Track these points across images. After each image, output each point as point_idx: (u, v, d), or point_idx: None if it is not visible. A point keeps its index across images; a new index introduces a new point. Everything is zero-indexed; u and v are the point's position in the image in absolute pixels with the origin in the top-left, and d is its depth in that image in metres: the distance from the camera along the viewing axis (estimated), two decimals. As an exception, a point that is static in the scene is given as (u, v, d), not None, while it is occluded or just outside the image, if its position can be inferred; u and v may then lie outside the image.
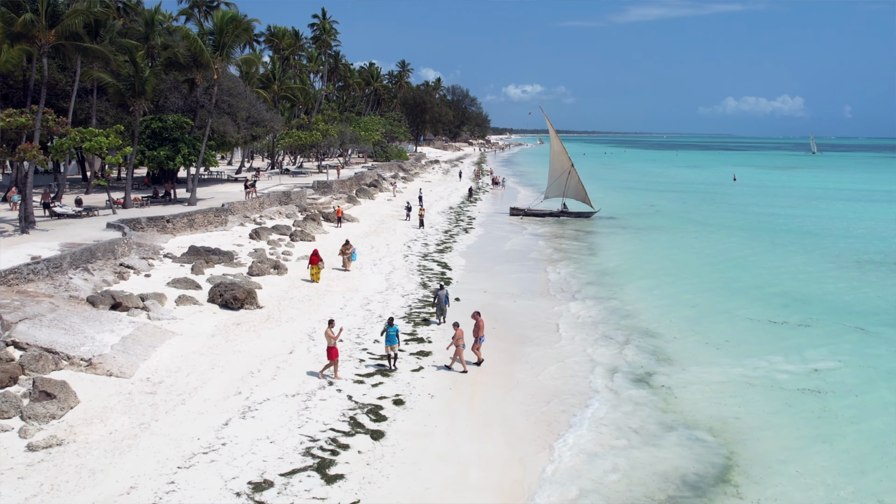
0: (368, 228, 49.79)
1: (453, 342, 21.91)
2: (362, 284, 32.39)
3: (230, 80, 65.67)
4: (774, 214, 68.68)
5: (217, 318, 25.26)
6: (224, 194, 52.68)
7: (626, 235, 52.59)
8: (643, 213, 66.28)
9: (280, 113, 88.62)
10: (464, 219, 59.72)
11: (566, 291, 33.60)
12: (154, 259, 32.85)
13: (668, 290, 35.17)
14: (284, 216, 49.97)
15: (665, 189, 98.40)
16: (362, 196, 67.32)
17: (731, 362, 23.55)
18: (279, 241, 40.46)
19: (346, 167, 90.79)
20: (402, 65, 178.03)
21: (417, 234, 49.38)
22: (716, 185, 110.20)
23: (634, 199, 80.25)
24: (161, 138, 48.59)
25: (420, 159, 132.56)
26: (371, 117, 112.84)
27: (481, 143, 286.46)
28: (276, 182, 65.57)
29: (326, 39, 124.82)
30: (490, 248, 45.85)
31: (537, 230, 54.99)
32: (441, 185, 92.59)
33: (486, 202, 75.61)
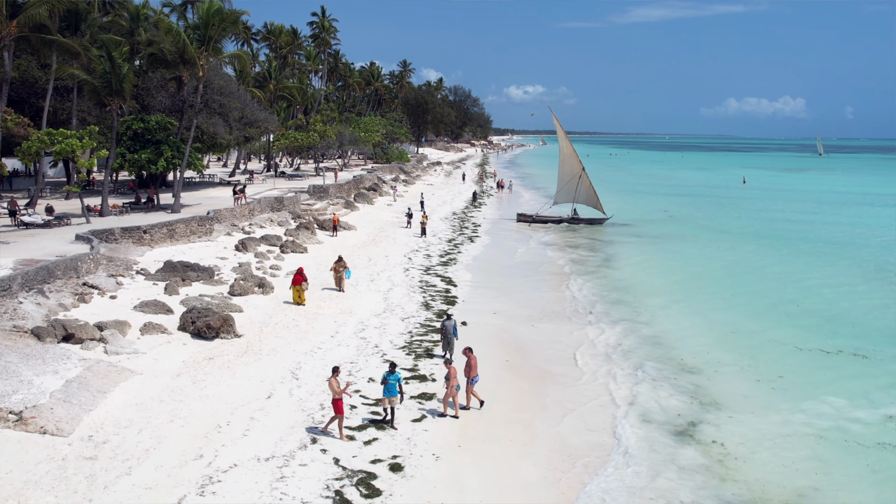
0: (366, 238, 46.27)
1: (446, 384, 18.49)
2: (357, 305, 28.85)
3: (222, 79, 62.31)
4: (791, 220, 65.18)
5: (187, 351, 21.75)
6: (213, 200, 49.23)
7: (643, 245, 49.05)
8: (657, 220, 62.74)
9: (276, 113, 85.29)
10: (468, 226, 56.20)
11: (585, 312, 30.07)
12: (125, 276, 29.34)
13: (697, 309, 31.69)
14: (276, 224, 46.48)
15: (675, 192, 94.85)
16: (361, 201, 63.82)
17: (789, 406, 20.02)
18: (267, 254, 36.94)
19: (345, 169, 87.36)
20: (403, 64, 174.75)
21: (419, 243, 45.88)
22: (726, 188, 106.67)
23: (645, 204, 76.72)
24: (144, 140, 45.12)
25: (422, 161, 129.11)
26: (371, 118, 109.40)
27: (483, 144, 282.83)
28: (269, 186, 62.10)
29: (326, 38, 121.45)
30: (498, 259, 42.34)
31: (547, 238, 51.47)
32: (444, 189, 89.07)
33: (491, 207, 72.09)
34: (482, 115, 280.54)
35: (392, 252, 41.73)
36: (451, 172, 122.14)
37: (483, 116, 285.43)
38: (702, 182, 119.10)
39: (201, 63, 42.76)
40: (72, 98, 50.92)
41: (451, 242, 47.02)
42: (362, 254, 40.37)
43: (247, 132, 65.09)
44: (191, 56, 42.14)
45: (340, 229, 47.14)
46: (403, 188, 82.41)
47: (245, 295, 28.56)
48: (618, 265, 41.88)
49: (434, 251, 43.27)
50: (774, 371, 23.04)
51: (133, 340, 21.93)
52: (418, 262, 39.52)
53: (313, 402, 18.57)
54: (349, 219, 53.14)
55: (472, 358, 19.32)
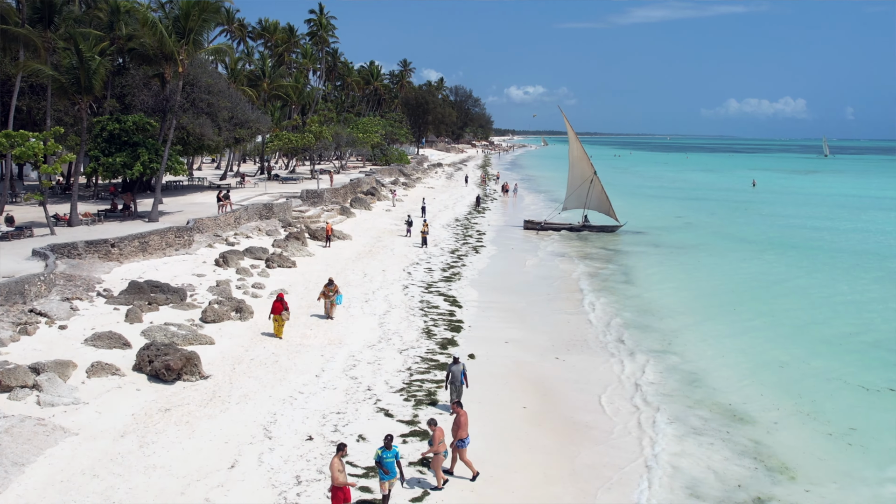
0: (362, 249, 42.50)
1: (431, 449, 14.84)
2: (348, 334, 25.09)
3: (210, 77, 58.58)
4: (809, 226, 61.50)
5: (139, 400, 18.04)
6: (198, 206, 45.49)
7: (662, 256, 45.31)
8: (672, 227, 59.00)
9: (270, 113, 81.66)
10: (472, 234, 52.45)
11: (608, 340, 26.35)
12: (83, 299, 25.63)
13: (729, 332, 28.09)
14: (264, 234, 42.76)
15: (684, 196, 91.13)
16: (358, 206, 60.09)
17: (875, 474, 16.33)
18: (251, 270, 33.18)
19: (343, 172, 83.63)
20: (403, 64, 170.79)
21: (419, 254, 42.15)
22: (736, 191, 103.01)
23: (656, 209, 73.02)
24: (120, 142, 41.36)
25: (422, 162, 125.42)
26: (370, 118, 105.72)
27: (485, 144, 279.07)
28: (261, 190, 58.37)
29: (323, 35, 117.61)
30: (506, 274, 38.59)
31: (558, 248, 47.75)
32: (445, 192, 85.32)
33: (495, 212, 68.34)
34: (483, 115, 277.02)
35: (390, 265, 37.99)
36: (452, 175, 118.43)
37: (484, 117, 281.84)
38: (710, 185, 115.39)
39: (181, 58, 39.01)
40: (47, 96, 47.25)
41: (454, 254, 43.26)
42: (357, 268, 36.63)
43: (237, 133, 61.37)
44: (169, 50, 38.43)
45: (334, 239, 43.41)
46: (403, 192, 78.70)
47: (220, 321, 24.85)
48: (636, 279, 38.16)
49: (436, 264, 39.53)
50: (843, 420, 19.33)
51: (76, 386, 18.21)
52: (419, 277, 35.77)
53: (288, 475, 14.84)
54: (344, 227, 49.40)
55: (462, 414, 15.59)
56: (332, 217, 51.84)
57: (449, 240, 48.60)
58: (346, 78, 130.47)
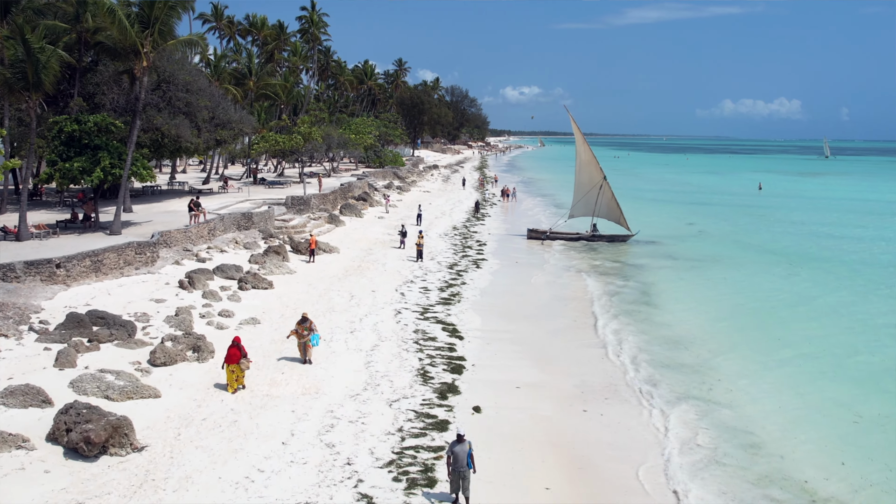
0: (350, 264, 38.20)
1: None
2: (327, 378, 20.79)
3: (188, 74, 54.28)
4: (834, 236, 57.38)
5: (46, 488, 13.73)
6: (172, 215, 41.21)
7: (680, 270, 41.15)
8: (685, 236, 54.85)
9: (256, 113, 77.37)
10: (472, 244, 48.17)
11: (642, 384, 22.09)
12: (10, 335, 21.34)
13: (783, 373, 23.97)
14: (241, 247, 38.48)
15: (692, 200, 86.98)
16: (348, 213, 55.77)
17: None
18: (220, 293, 28.87)
19: (334, 175, 79.31)
20: (398, 63, 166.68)
21: (414, 269, 37.90)
22: (742, 194, 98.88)
23: (666, 214, 68.89)
24: (80, 145, 36.99)
25: (417, 164, 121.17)
26: (363, 118, 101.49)
27: (481, 145, 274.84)
28: (243, 196, 54.05)
29: (315, 33, 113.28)
30: (512, 294, 34.32)
31: (566, 260, 43.60)
32: (442, 196, 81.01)
33: (495, 219, 64.07)
34: (479, 115, 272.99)
35: (381, 284, 33.70)
36: (448, 177, 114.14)
37: (480, 117, 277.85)
38: (715, 188, 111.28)
39: (145, 50, 34.68)
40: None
41: (453, 269, 38.96)
42: (343, 288, 32.33)
43: (218, 134, 57.03)
44: (132, 42, 34.10)
45: (320, 253, 39.12)
46: (397, 196, 74.42)
47: (172, 364, 20.57)
48: (658, 299, 33.92)
49: (433, 282, 35.26)
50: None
51: (-38, 469, 13.91)
52: (413, 299, 31.48)
53: None
54: (332, 237, 45.10)
55: None
56: (319, 226, 47.53)
57: (447, 252, 44.34)
58: (339, 77, 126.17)
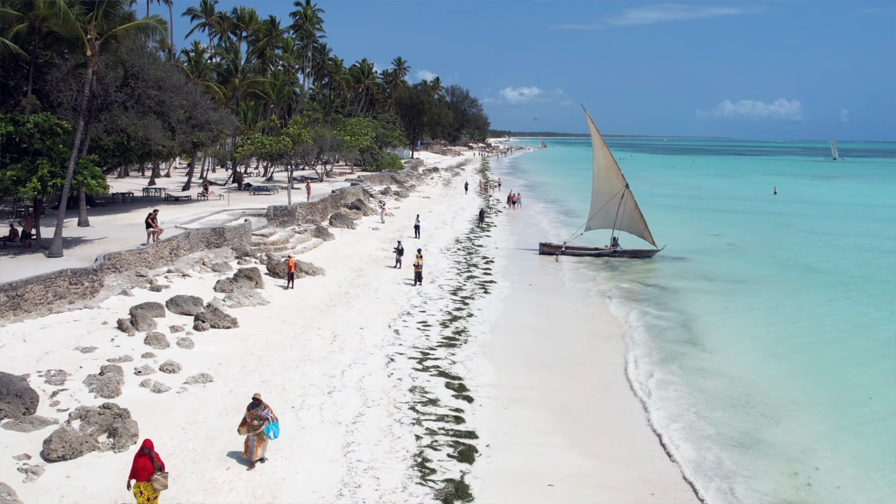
0: (336, 289, 32.48)
1: None
2: (288, 477, 14.96)
3: (160, 69, 48.68)
4: (880, 250, 51.70)
5: None
6: (135, 229, 35.36)
7: (722, 295, 35.46)
8: (715, 250, 49.14)
9: (242, 113, 71.75)
10: (477, 261, 42.46)
11: (720, 482, 16.35)
12: None
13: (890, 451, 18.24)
14: (209, 269, 32.82)
15: (708, 207, 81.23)
16: (339, 224, 50.03)
17: None
18: (168, 336, 23.13)
19: (327, 180, 73.58)
20: (397, 62, 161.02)
21: (412, 296, 32.21)
22: (758, 200, 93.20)
23: (687, 224, 63.22)
24: (18, 150, 31.30)
25: (417, 167, 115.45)
26: (359, 119, 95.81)
27: (482, 146, 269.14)
28: (222, 205, 48.37)
29: (309, 29, 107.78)
30: (529, 328, 28.56)
31: (586, 281, 38.00)
32: (443, 203, 75.28)
33: (501, 229, 58.33)
34: (480, 116, 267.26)
35: (371, 318, 27.99)
36: (449, 181, 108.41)
37: (481, 118, 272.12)
38: (728, 192, 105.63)
39: (89, 37, 29.01)
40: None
41: (457, 295, 33.21)
42: (325, 324, 26.62)
43: (195, 136, 51.38)
44: (72, 27, 28.44)
45: (301, 275, 33.41)
46: (395, 203, 68.71)
47: (76, 456, 14.91)
48: (707, 340, 28.06)
49: (434, 313, 29.56)
50: None
51: None
52: (410, 338, 25.77)
53: None
54: (318, 255, 39.40)
55: None
56: (304, 241, 41.84)
57: (449, 272, 38.62)
58: (335, 76, 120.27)
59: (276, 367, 21.38)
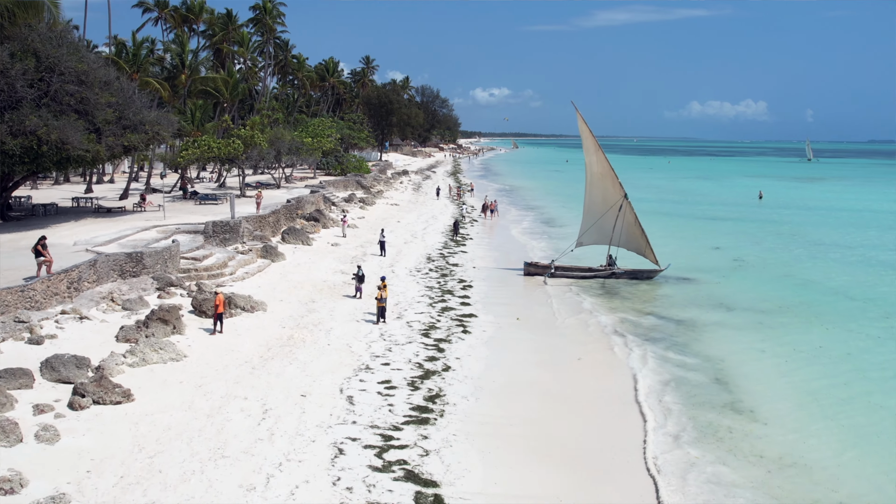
0: (279, 332, 25.86)
1: None
2: None
3: (81, 61, 41.70)
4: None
5: None
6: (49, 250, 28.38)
7: (749, 331, 29.48)
8: (722, 268, 43.30)
9: (190, 112, 64.71)
10: (453, 286, 36.06)
11: None
12: None
13: None
14: (118, 308, 26.11)
15: (698, 214, 75.63)
16: (292, 240, 43.40)
17: None
18: (22, 426, 16.37)
19: (285, 186, 66.72)
20: (366, 61, 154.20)
21: (373, 339, 25.76)
22: (746, 205, 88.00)
23: (681, 235, 57.39)
24: None
25: (385, 170, 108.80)
26: (321, 119, 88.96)
27: (453, 147, 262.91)
28: (157, 219, 41.54)
29: (269, 23, 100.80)
30: (522, 387, 22.16)
31: (583, 312, 31.84)
32: (413, 211, 68.84)
33: (478, 242, 52.00)
34: (451, 116, 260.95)
35: (318, 379, 21.42)
36: (420, 185, 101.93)
37: (452, 118, 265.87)
38: (712, 196, 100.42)
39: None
40: None
41: (429, 336, 26.78)
42: (255, 391, 20.01)
43: (126, 139, 44.34)
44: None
45: (236, 312, 26.80)
46: (360, 212, 62.11)
47: None
48: (751, 398, 21.86)
49: (400, 365, 23.11)
50: None
51: None
52: (367, 411, 19.27)
53: None
54: (261, 282, 32.75)
55: None
56: (247, 264, 35.17)
57: (420, 301, 32.17)
58: (297, 73, 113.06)
59: (172, 476, 14.83)
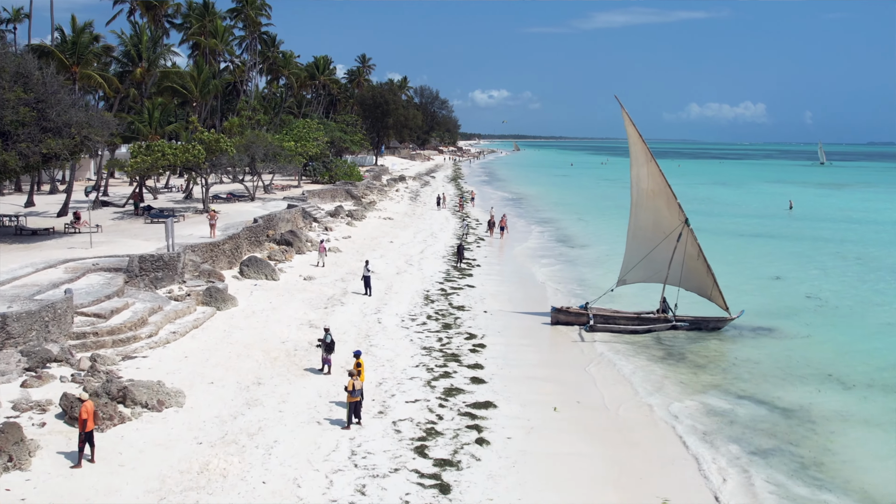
0: (182, 464, 16.08)
1: None
2: None
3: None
4: None
5: None
6: None
7: (891, 427, 20.20)
8: (800, 311, 33.88)
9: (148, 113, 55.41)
10: (460, 346, 26.57)
11: None
12: None
13: None
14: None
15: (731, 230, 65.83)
16: (253, 274, 33.97)
17: None
18: None
19: (260, 199, 57.25)
20: (362, 59, 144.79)
21: (336, 469, 16.32)
22: (777, 217, 78.79)
23: (730, 260, 47.53)
24: None
25: (380, 176, 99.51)
26: (305, 121, 79.49)
27: (452, 150, 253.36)
28: (82, 247, 32.15)
29: (252, 15, 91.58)
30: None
31: (636, 391, 22.44)
32: (409, 227, 59.44)
33: (488, 271, 42.53)
34: (450, 118, 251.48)
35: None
36: (418, 193, 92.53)
37: (451, 120, 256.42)
38: (737, 206, 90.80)
39: None
40: None
41: (426, 456, 17.28)
42: None
43: (45, 146, 34.93)
44: None
45: (132, 413, 17.39)
46: (346, 229, 52.68)
47: None
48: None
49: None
50: None
51: None
52: None
53: None
54: (186, 350, 23.18)
55: None
56: (177, 317, 25.70)
57: (413, 378, 22.66)
58: (283, 70, 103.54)
59: None
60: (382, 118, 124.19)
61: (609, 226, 65.45)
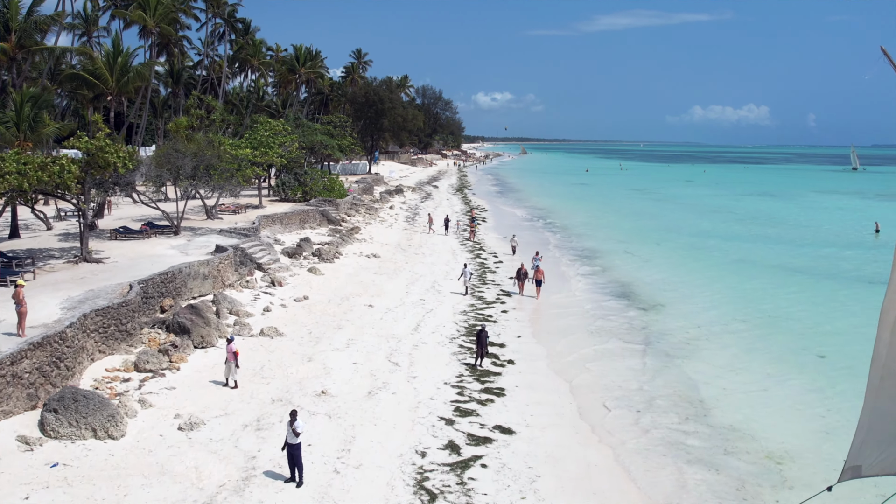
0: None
1: None
2: None
3: None
4: None
5: None
6: None
7: None
8: None
9: (15, 107, 38.20)
10: None
11: None
12: None
13: None
14: None
15: (829, 269, 48.77)
16: (67, 431, 16.65)
17: None
18: None
19: (203, 226, 39.86)
20: (357, 55, 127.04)
21: None
22: (866, 245, 61.48)
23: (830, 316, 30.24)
24: None
25: (371, 188, 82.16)
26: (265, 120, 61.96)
27: (456, 154, 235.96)
28: None
29: (217, -6, 74.51)
30: None
31: None
32: (401, 273, 41.80)
33: (531, 385, 25.04)
34: (454, 120, 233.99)
35: None
36: (416, 210, 74.92)
37: (455, 122, 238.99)
38: (810, 229, 73.24)
39: None
40: None
41: None
42: None
43: None
44: None
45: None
46: (304, 281, 35.33)
47: None
48: None
49: None
50: None
51: None
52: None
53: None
54: None
55: None
56: None
57: None
58: (252, 60, 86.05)
59: None
60: (377, 119, 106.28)
61: (674, 263, 48.53)
